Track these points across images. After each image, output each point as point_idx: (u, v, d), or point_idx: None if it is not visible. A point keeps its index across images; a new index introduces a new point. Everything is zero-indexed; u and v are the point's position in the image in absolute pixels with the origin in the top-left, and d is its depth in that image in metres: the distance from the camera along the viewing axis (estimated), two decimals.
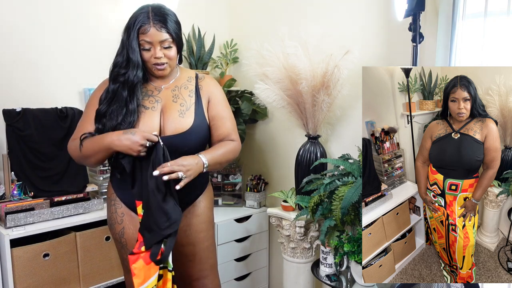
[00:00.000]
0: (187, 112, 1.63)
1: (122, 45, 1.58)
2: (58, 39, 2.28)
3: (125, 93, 1.56)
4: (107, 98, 1.58)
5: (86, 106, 1.66)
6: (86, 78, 2.34)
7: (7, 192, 2.05)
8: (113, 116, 1.55)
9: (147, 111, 1.60)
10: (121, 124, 1.54)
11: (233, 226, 2.56)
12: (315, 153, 2.19)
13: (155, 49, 1.55)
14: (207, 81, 1.73)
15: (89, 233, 2.07)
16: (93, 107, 1.61)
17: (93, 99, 1.64)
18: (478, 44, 1.78)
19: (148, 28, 1.52)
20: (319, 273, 2.12)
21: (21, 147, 2.06)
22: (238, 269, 2.64)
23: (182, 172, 1.46)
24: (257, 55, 2.17)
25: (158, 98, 1.64)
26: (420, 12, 1.76)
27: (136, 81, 1.57)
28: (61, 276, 1.99)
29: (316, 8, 2.37)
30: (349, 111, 2.24)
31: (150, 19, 1.53)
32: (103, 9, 2.41)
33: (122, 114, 1.55)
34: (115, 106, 1.56)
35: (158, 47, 1.55)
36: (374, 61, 2.11)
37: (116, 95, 1.57)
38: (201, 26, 2.69)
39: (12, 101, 2.12)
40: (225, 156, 1.65)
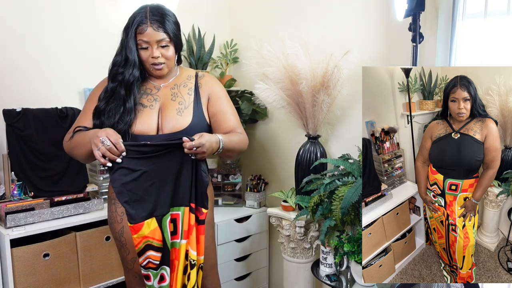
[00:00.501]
0: (185, 111, 1.63)
1: (121, 45, 1.60)
2: (58, 39, 2.28)
3: (122, 91, 1.58)
4: (106, 96, 1.60)
5: (85, 102, 1.69)
6: (86, 78, 2.34)
7: (7, 192, 2.05)
8: (111, 114, 1.57)
9: (145, 109, 1.61)
10: (119, 122, 1.56)
11: (233, 226, 2.56)
12: (315, 153, 2.19)
13: (152, 48, 1.56)
14: (206, 79, 1.74)
15: (89, 233, 2.06)
16: (91, 103, 1.63)
17: (92, 96, 1.66)
18: (478, 44, 1.78)
19: (146, 27, 1.54)
20: (319, 273, 2.12)
21: (21, 147, 2.06)
22: (238, 269, 2.64)
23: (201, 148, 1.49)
24: (257, 55, 2.17)
25: (157, 96, 1.64)
26: (420, 12, 1.76)
27: (132, 80, 1.59)
28: (61, 276, 1.99)
29: (316, 8, 2.37)
30: (349, 111, 2.24)
31: (147, 18, 1.54)
32: (103, 9, 2.41)
33: (120, 113, 1.56)
34: (113, 105, 1.58)
35: (155, 47, 1.56)
36: (374, 61, 2.11)
37: (115, 93, 1.59)
38: (201, 26, 2.69)
39: (12, 101, 2.12)
40: (238, 144, 1.66)
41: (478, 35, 1.77)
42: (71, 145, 1.61)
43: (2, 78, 2.13)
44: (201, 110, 1.67)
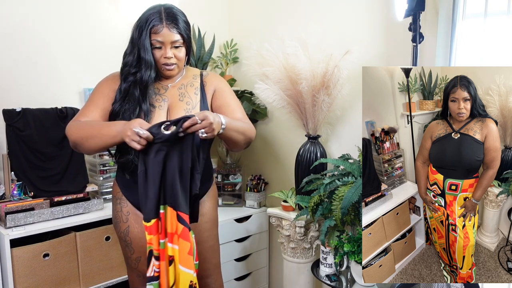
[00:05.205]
0: (192, 111, 1.63)
1: (132, 44, 1.58)
2: (58, 39, 2.27)
3: (137, 92, 1.57)
4: (120, 97, 1.58)
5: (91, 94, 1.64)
6: (86, 78, 2.34)
7: (7, 192, 2.05)
8: (126, 116, 1.55)
9: (155, 110, 1.61)
10: None
11: (233, 226, 2.56)
12: (315, 153, 2.19)
13: (166, 48, 1.56)
14: (210, 76, 1.74)
15: (89, 233, 2.06)
16: (98, 95, 1.60)
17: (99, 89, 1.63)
18: (478, 44, 1.78)
19: (161, 28, 1.53)
20: (319, 273, 2.12)
21: (21, 147, 2.06)
22: (238, 269, 2.64)
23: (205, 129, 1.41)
24: (257, 55, 2.17)
25: (165, 97, 1.64)
26: (420, 12, 1.76)
27: (149, 82, 1.58)
28: (61, 276, 1.99)
29: (316, 8, 2.37)
30: (349, 111, 2.24)
31: (162, 19, 1.53)
32: (104, 10, 2.41)
33: (135, 114, 1.55)
34: (127, 106, 1.57)
35: (169, 47, 1.56)
36: (374, 61, 2.11)
37: (128, 94, 1.57)
38: (201, 26, 2.69)
39: (12, 101, 2.12)
40: (243, 127, 1.61)
41: (478, 35, 1.77)
42: (82, 135, 1.51)
43: (2, 78, 2.13)
44: (207, 109, 1.67)
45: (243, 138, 1.62)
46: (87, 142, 1.51)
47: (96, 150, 1.53)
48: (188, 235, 1.45)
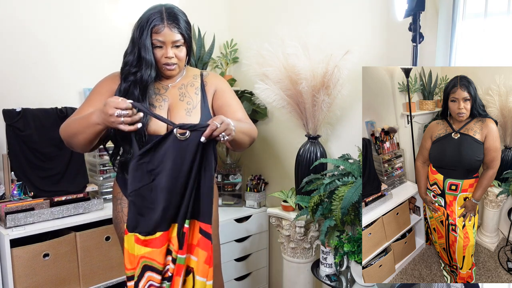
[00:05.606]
0: (193, 111, 1.63)
1: (133, 44, 1.58)
2: (58, 39, 2.28)
3: (136, 92, 1.56)
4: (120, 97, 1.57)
5: (90, 93, 1.63)
6: (86, 78, 2.34)
7: (7, 192, 2.05)
8: None
9: (155, 109, 1.60)
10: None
11: (233, 226, 2.56)
12: (315, 153, 2.19)
13: (167, 48, 1.55)
14: (211, 77, 1.74)
15: (89, 233, 2.07)
16: (97, 95, 1.60)
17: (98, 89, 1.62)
18: (478, 44, 1.78)
19: (162, 28, 1.53)
20: (319, 273, 2.12)
21: (21, 147, 2.06)
22: (238, 269, 2.64)
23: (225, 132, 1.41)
24: (257, 55, 2.17)
25: (165, 96, 1.64)
26: (420, 12, 1.76)
27: (150, 81, 1.57)
28: (61, 276, 1.99)
29: (316, 8, 2.37)
30: (349, 111, 2.24)
31: (164, 19, 1.53)
32: (104, 10, 2.41)
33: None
34: None
35: (169, 47, 1.56)
36: (374, 61, 2.11)
37: (128, 94, 1.57)
38: (201, 26, 2.69)
39: (12, 101, 2.12)
40: (248, 129, 1.60)
41: (478, 35, 1.77)
42: (68, 132, 1.50)
43: (2, 78, 2.13)
44: (208, 109, 1.67)
45: (248, 139, 1.63)
46: (76, 138, 1.49)
47: (86, 145, 1.50)
48: (207, 244, 1.42)
